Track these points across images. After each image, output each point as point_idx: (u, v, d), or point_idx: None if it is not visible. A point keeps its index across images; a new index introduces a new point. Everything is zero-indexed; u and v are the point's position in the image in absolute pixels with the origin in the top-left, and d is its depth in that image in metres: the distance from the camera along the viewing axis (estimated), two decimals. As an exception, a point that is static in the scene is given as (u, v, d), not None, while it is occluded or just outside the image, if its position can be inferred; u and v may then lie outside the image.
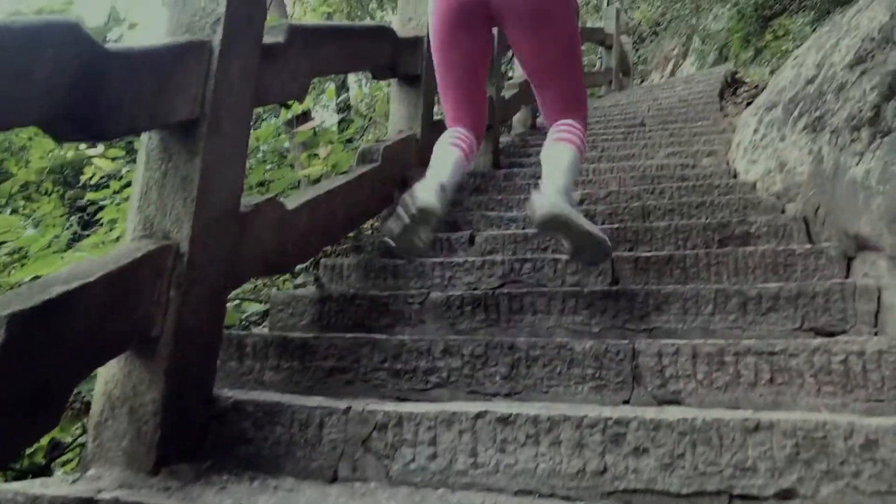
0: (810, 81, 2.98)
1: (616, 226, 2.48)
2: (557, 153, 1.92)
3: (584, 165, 2.94)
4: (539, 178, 2.06)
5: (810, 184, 2.34)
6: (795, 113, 2.95)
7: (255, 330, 2.70)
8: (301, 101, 2.06)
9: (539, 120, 5.61)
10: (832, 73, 2.78)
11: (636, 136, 4.34)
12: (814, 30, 4.56)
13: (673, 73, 13.72)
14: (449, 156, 2.00)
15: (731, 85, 6.08)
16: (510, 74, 5.08)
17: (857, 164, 1.90)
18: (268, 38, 1.81)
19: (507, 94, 4.66)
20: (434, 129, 3.07)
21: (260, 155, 3.36)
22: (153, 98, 1.33)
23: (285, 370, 1.73)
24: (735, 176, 3.17)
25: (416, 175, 2.81)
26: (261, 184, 3.05)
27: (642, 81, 15.28)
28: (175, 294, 1.33)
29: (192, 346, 1.38)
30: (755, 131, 3.20)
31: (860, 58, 2.64)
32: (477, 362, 1.60)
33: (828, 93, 2.71)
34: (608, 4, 10.47)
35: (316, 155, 3.24)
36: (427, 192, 1.80)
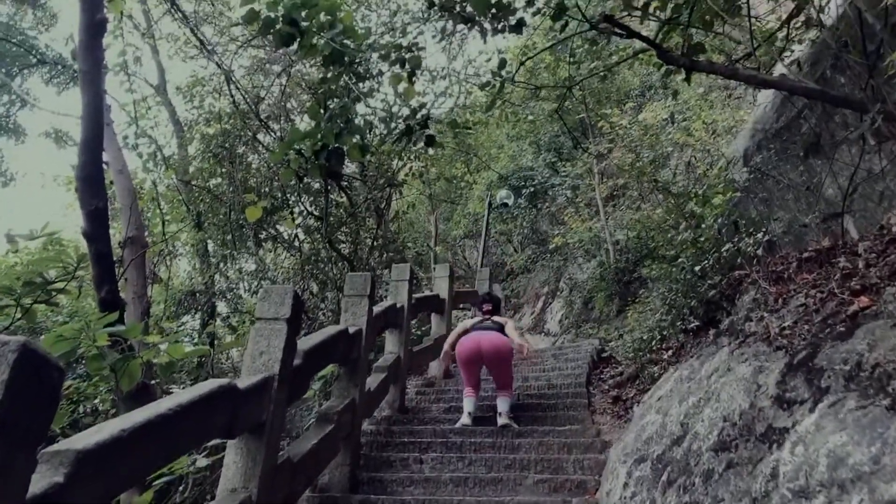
0: (676, 443, 2.91)
1: None
2: (502, 398, 4.86)
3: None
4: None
5: None
6: (664, 478, 2.82)
7: None
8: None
9: (406, 402, 5.36)
10: (698, 448, 2.71)
11: (504, 446, 4.11)
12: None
13: (543, 310, 14.37)
14: (469, 399, 4.92)
15: (598, 365, 6.20)
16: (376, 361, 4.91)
17: None
18: (39, 486, 1.40)
19: (372, 383, 4.38)
20: (277, 481, 2.64)
21: None
22: None
23: None
24: (606, 537, 2.94)
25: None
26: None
27: (515, 314, 15.89)
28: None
29: None
30: (625, 485, 3.04)
31: (724, 443, 2.59)
32: None
33: (696, 473, 2.61)
34: (481, 267, 11.27)
35: None
36: (464, 417, 4.85)
